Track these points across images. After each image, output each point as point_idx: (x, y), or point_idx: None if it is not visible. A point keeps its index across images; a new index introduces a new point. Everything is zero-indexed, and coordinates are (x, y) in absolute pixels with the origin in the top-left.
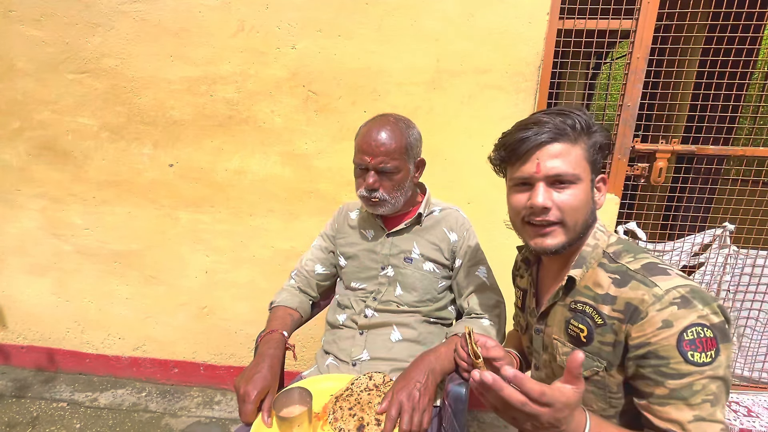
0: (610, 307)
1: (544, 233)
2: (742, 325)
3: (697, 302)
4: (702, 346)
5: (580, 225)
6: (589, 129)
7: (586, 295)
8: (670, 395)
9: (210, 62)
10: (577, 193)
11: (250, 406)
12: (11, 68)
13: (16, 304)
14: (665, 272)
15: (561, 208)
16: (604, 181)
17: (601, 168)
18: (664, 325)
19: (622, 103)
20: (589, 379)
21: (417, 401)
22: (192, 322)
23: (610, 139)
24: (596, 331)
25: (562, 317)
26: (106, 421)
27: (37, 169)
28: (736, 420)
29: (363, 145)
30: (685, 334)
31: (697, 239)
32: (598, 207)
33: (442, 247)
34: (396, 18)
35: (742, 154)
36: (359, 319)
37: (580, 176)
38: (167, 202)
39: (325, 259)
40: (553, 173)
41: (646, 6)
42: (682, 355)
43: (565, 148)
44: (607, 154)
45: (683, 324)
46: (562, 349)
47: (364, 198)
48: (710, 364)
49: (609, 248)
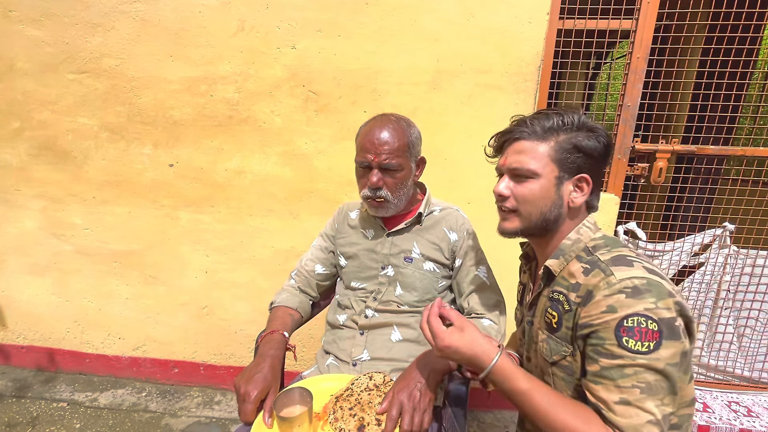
0: (575, 294)
1: (504, 218)
2: (742, 325)
3: (649, 295)
4: (640, 335)
5: (534, 216)
6: (563, 129)
7: (562, 285)
8: (601, 374)
9: (210, 62)
10: (532, 187)
11: (250, 406)
12: (11, 68)
13: (16, 304)
14: (629, 264)
15: (516, 198)
16: (587, 182)
17: (584, 169)
18: (608, 309)
19: (622, 103)
20: (558, 364)
21: (418, 401)
22: (192, 322)
23: (602, 144)
24: (564, 317)
25: (543, 306)
26: (106, 421)
27: (37, 169)
28: (736, 420)
29: (366, 144)
30: (625, 321)
31: (697, 239)
32: (572, 205)
33: (442, 247)
34: (396, 18)
35: (742, 154)
36: (359, 320)
37: (537, 172)
38: (167, 202)
39: (324, 259)
40: (513, 167)
41: (646, 6)
42: (616, 339)
43: (530, 145)
44: (597, 158)
45: (626, 312)
46: (540, 336)
47: (367, 199)
48: (645, 354)
49: (590, 242)
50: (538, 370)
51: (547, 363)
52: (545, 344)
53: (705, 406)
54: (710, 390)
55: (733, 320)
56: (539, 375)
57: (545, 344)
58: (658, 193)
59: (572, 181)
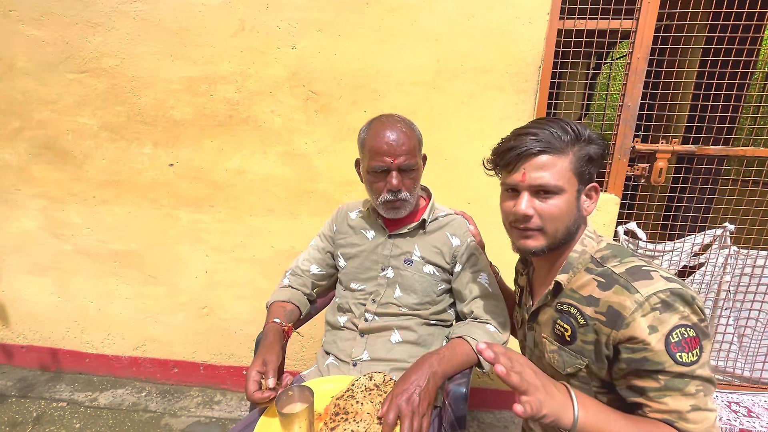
0: (593, 309)
1: (527, 236)
2: (742, 325)
3: (678, 304)
4: (688, 346)
5: (560, 232)
6: (579, 141)
7: (572, 297)
8: (666, 387)
9: (210, 62)
10: (558, 203)
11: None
12: (11, 68)
13: (16, 303)
14: (648, 276)
15: (542, 216)
16: (596, 190)
17: (594, 177)
18: (651, 330)
19: (622, 103)
20: (575, 376)
21: (416, 406)
22: (192, 322)
23: (605, 151)
24: (579, 330)
25: (550, 317)
26: (106, 420)
27: (36, 168)
28: (736, 420)
29: (381, 147)
30: (671, 337)
31: (697, 239)
32: (586, 214)
33: (444, 251)
34: (396, 18)
35: (742, 154)
36: (359, 323)
37: (563, 187)
38: (167, 202)
39: (321, 259)
40: (537, 184)
41: (647, 6)
42: (671, 357)
43: (551, 160)
44: (602, 165)
45: (668, 327)
46: (549, 347)
47: (387, 202)
48: (697, 362)
49: (597, 253)
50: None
51: (558, 373)
52: (556, 355)
53: None
54: None
55: (733, 320)
56: None
57: (556, 355)
58: (658, 194)
59: (585, 191)
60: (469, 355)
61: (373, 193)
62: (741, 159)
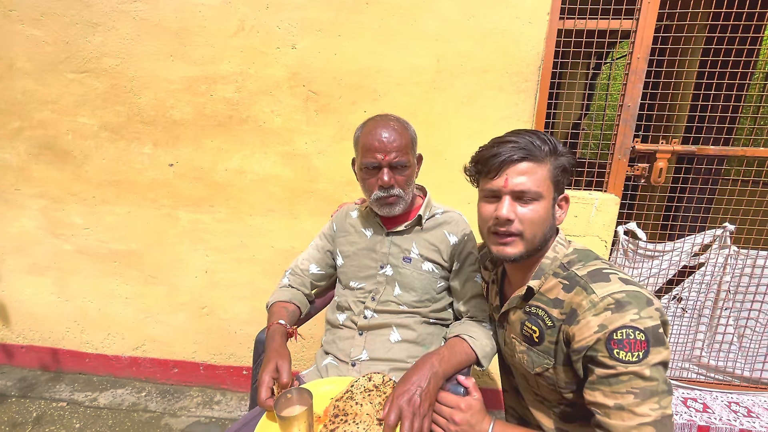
0: (558, 311)
1: (505, 242)
2: (742, 325)
3: (632, 307)
4: (629, 346)
5: (538, 238)
6: (556, 152)
7: (540, 300)
8: (598, 381)
9: (210, 62)
10: (538, 209)
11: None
12: (11, 68)
13: (16, 303)
14: (606, 278)
15: (522, 221)
16: (567, 200)
17: (565, 189)
18: (600, 329)
19: (622, 103)
20: (541, 375)
21: (417, 407)
22: (192, 322)
23: (575, 163)
24: (546, 332)
25: (518, 319)
26: (106, 420)
27: (36, 168)
28: (736, 420)
29: (373, 144)
30: (614, 334)
31: (697, 239)
32: (558, 223)
33: (441, 249)
34: (396, 18)
35: (742, 154)
36: (359, 320)
37: (542, 194)
38: (167, 202)
39: (320, 259)
40: (519, 189)
41: (647, 6)
42: (608, 351)
43: (532, 167)
44: (571, 175)
45: (614, 326)
46: (518, 347)
47: (380, 199)
48: (636, 363)
49: (564, 258)
50: (508, 371)
51: (528, 373)
52: (525, 356)
53: (705, 406)
54: (710, 390)
55: (733, 320)
56: (524, 381)
57: (525, 356)
58: (658, 194)
59: (558, 201)
60: (468, 353)
61: (366, 190)
62: (741, 159)
